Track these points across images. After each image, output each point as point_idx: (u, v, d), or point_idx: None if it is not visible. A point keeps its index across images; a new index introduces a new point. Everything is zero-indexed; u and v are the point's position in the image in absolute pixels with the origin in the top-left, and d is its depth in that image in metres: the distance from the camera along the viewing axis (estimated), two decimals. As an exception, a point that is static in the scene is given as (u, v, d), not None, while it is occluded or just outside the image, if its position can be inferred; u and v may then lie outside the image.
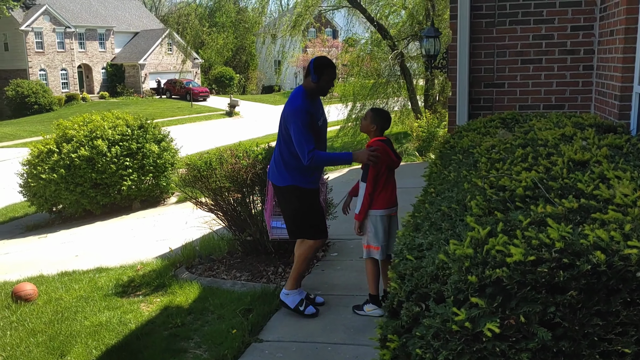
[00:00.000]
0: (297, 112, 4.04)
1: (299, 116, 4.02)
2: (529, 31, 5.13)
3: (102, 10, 49.48)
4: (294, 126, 4.01)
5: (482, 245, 1.71)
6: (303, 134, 3.99)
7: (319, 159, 4.04)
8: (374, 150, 4.05)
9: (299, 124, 4.00)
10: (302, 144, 3.99)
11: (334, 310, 4.46)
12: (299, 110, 4.04)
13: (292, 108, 4.07)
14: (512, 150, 2.88)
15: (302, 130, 3.99)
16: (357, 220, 4.18)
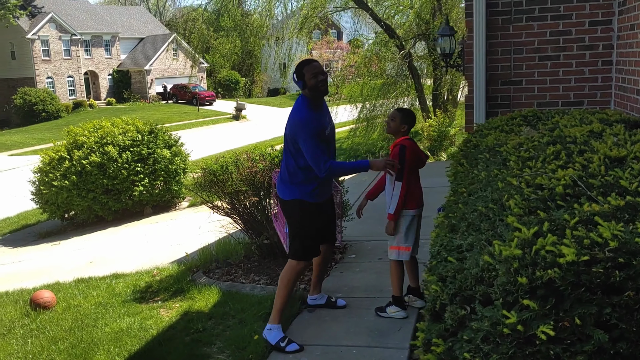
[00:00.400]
0: (304, 124, 3.84)
1: (306, 128, 3.82)
2: (546, 27, 5.08)
3: (107, 17, 49.68)
4: (303, 139, 3.81)
5: (530, 246, 1.66)
6: (315, 146, 3.79)
7: (335, 169, 3.88)
8: (403, 149, 4.02)
9: (308, 136, 3.79)
10: (316, 157, 3.80)
11: (356, 312, 4.42)
12: (305, 121, 3.84)
13: (298, 120, 3.87)
14: (542, 148, 2.84)
15: (312, 142, 3.79)
16: (392, 220, 4.08)
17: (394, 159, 4.01)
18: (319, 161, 3.80)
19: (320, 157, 3.79)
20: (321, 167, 3.79)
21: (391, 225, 4.08)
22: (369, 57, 18.98)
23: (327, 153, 3.94)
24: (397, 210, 4.02)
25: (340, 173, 4.05)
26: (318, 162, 3.80)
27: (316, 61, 4.03)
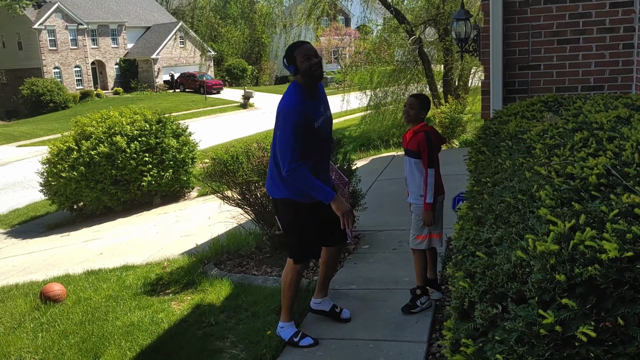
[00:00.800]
0: (289, 111, 3.46)
1: (290, 117, 3.44)
2: (565, 10, 4.92)
3: (114, 6, 49.53)
4: (282, 128, 3.44)
5: (567, 241, 1.56)
6: (290, 141, 3.41)
7: (301, 176, 3.45)
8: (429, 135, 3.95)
9: (289, 127, 3.42)
10: (286, 152, 3.42)
11: (371, 305, 4.33)
12: (291, 109, 3.47)
13: (284, 107, 3.50)
14: (568, 135, 2.72)
15: (290, 135, 3.41)
16: (429, 210, 3.93)
17: (420, 146, 3.90)
18: (286, 158, 3.42)
19: (290, 154, 3.41)
20: (286, 165, 3.42)
21: (430, 214, 3.95)
22: (378, 43, 18.76)
23: (314, 146, 3.57)
24: (433, 198, 3.92)
25: (302, 184, 3.48)
26: (285, 158, 3.43)
27: (308, 43, 3.65)
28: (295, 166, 3.43)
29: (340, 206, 3.51)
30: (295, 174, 3.44)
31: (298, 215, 3.71)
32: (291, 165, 3.43)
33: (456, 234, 2.27)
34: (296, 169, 3.44)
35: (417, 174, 3.98)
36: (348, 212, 3.52)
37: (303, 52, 3.51)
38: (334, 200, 3.50)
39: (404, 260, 5.17)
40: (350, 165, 5.91)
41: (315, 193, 3.51)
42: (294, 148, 3.43)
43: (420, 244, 4.04)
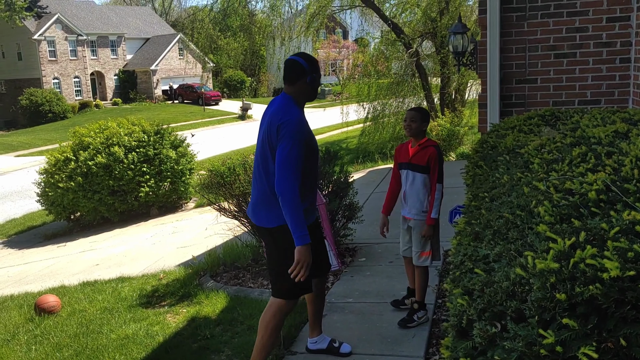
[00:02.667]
0: (295, 125, 3.11)
1: (297, 132, 3.11)
2: (561, 24, 4.93)
3: (114, 17, 49.72)
4: (287, 144, 3.08)
5: (567, 258, 1.53)
6: (297, 159, 3.08)
7: (296, 202, 3.07)
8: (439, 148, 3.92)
9: (296, 143, 3.09)
10: (291, 171, 3.07)
11: (368, 319, 4.29)
12: (297, 123, 3.13)
13: (287, 119, 3.13)
14: (566, 150, 2.70)
15: (297, 153, 3.09)
16: (432, 224, 3.92)
17: (432, 161, 3.89)
18: (292, 177, 3.06)
19: (295, 174, 3.07)
20: (289, 185, 3.05)
21: (431, 229, 3.93)
22: (376, 56, 18.84)
23: (313, 164, 3.32)
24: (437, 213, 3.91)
25: (292, 210, 3.06)
26: (290, 177, 3.06)
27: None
28: (297, 187, 3.08)
29: (305, 254, 3.08)
30: (295, 198, 3.06)
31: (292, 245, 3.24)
32: (295, 185, 3.07)
33: (454, 249, 2.25)
34: (296, 192, 3.08)
35: (422, 189, 3.93)
36: (306, 265, 3.09)
37: (319, 71, 3.37)
38: (305, 247, 3.08)
39: (401, 274, 5.14)
40: (347, 178, 5.90)
41: (296, 229, 3.08)
42: (299, 167, 3.10)
43: (425, 260, 4.00)
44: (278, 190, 3.09)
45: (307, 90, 3.31)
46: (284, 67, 3.40)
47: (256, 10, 26.10)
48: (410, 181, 3.98)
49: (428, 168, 3.90)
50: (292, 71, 3.29)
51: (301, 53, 3.41)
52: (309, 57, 3.36)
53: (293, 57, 3.35)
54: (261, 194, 3.29)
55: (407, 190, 4.03)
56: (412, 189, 3.98)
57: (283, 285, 3.32)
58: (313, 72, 3.30)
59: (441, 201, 3.94)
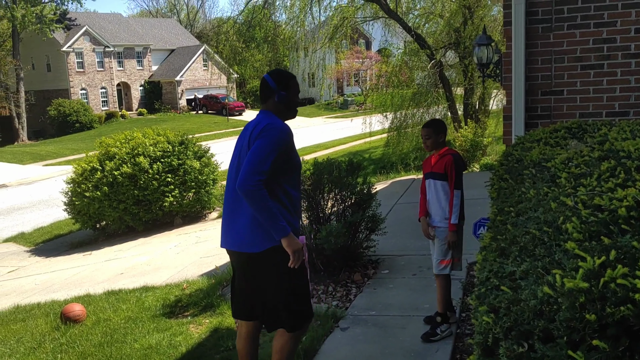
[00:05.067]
0: (277, 128, 3.01)
1: (277, 133, 2.99)
2: (588, 35, 4.87)
3: (140, 29, 50.56)
4: (264, 140, 2.95)
5: (597, 278, 1.50)
6: (269, 153, 2.92)
7: (262, 196, 2.86)
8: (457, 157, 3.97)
9: (273, 141, 2.96)
10: (259, 164, 2.89)
11: (390, 332, 4.26)
12: (280, 126, 3.03)
13: (270, 122, 3.03)
14: (594, 164, 2.66)
15: (271, 149, 2.93)
16: (455, 230, 3.94)
17: (448, 168, 3.94)
18: (257, 169, 2.87)
19: (264, 167, 2.88)
20: (254, 176, 2.85)
21: (455, 235, 3.95)
22: (399, 66, 18.81)
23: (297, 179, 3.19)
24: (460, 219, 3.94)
25: (260, 207, 2.87)
26: (256, 169, 2.86)
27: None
28: (262, 180, 2.86)
29: (292, 242, 2.97)
30: (259, 191, 2.84)
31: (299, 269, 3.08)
32: (260, 177, 2.86)
33: (479, 264, 2.22)
34: (261, 186, 2.86)
35: (443, 196, 3.99)
36: (299, 251, 2.99)
37: (296, 87, 3.25)
38: (288, 238, 2.96)
39: (425, 286, 5.10)
40: (370, 189, 5.88)
41: (272, 224, 2.91)
42: (269, 163, 2.91)
43: (444, 268, 4.00)
44: (242, 185, 2.85)
45: (279, 108, 3.17)
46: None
47: (280, 21, 26.28)
48: (432, 189, 4.07)
49: (446, 175, 3.98)
50: (261, 90, 3.22)
51: (274, 70, 3.28)
52: (280, 75, 3.22)
53: (265, 75, 3.25)
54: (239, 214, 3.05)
55: (430, 199, 4.12)
56: (433, 196, 4.07)
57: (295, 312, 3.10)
58: (281, 90, 3.15)
59: (460, 207, 3.95)
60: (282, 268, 3.02)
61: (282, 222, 2.96)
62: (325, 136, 30.50)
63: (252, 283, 3.13)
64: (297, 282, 3.10)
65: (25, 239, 13.60)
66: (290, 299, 3.08)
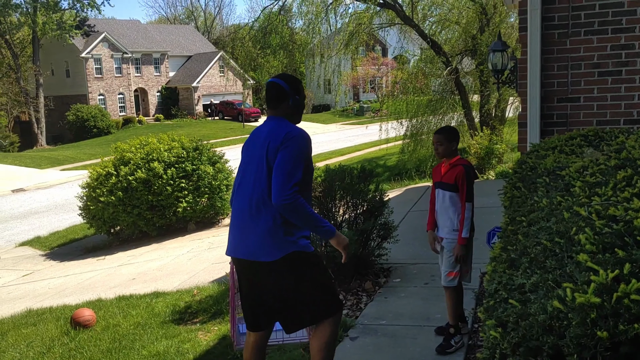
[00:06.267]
0: (302, 137, 2.97)
1: (303, 142, 2.95)
2: (606, 41, 4.77)
3: (157, 36, 51.05)
4: (291, 151, 2.89)
5: (610, 293, 1.43)
6: (300, 163, 2.89)
7: (301, 205, 2.85)
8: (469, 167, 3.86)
9: (301, 151, 2.92)
10: (291, 175, 2.84)
11: (401, 342, 4.18)
12: (304, 135, 2.99)
13: (292, 130, 2.98)
14: (610, 173, 2.57)
15: (301, 159, 2.91)
16: (463, 244, 3.83)
17: (459, 179, 3.83)
18: (290, 181, 2.83)
19: (294, 177, 2.85)
20: (289, 188, 2.81)
21: (463, 249, 3.84)
22: (415, 73, 18.74)
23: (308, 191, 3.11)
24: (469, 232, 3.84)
25: (302, 216, 2.87)
26: (289, 181, 2.82)
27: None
28: (297, 190, 2.83)
29: (341, 239, 3.04)
30: (297, 200, 2.82)
31: (316, 266, 3.05)
32: (295, 187, 2.82)
33: (488, 276, 2.15)
34: (298, 196, 2.83)
35: (452, 208, 3.88)
36: (347, 246, 3.09)
37: (303, 91, 3.25)
38: (337, 236, 3.02)
39: (437, 296, 5.01)
40: (382, 196, 5.81)
41: (317, 228, 2.95)
42: (300, 172, 2.88)
43: (452, 280, 3.91)
44: (279, 199, 2.81)
45: (291, 113, 3.14)
46: (265, 89, 3.21)
47: (296, 28, 26.34)
48: (441, 199, 3.97)
49: (456, 186, 3.87)
50: (273, 95, 3.13)
51: (282, 74, 3.23)
52: (291, 79, 3.19)
53: (273, 80, 3.18)
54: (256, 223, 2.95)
55: (438, 209, 4.02)
56: (442, 207, 3.97)
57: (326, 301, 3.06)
58: (295, 94, 3.13)
59: (472, 220, 3.86)
60: (300, 271, 2.96)
61: (326, 223, 2.98)
62: (341, 143, 30.46)
63: (268, 292, 3.01)
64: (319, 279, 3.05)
65: (41, 243, 13.71)
66: (313, 297, 3.01)
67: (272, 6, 19.79)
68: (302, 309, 3.02)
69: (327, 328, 3.04)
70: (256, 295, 3.08)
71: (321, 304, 3.04)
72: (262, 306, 3.09)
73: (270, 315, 3.12)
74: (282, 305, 3.03)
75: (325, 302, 3.05)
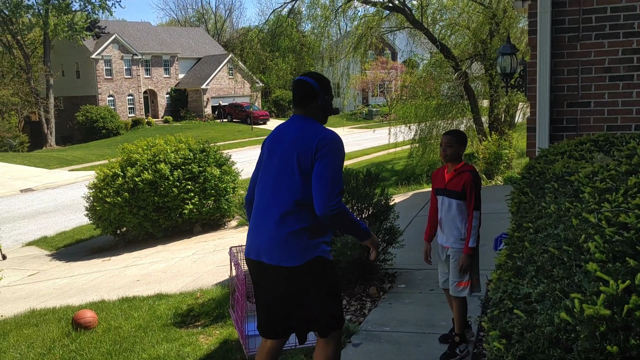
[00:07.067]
0: (337, 142, 2.89)
1: (339, 147, 2.88)
2: (618, 45, 4.68)
3: (167, 38, 51.23)
4: (330, 158, 2.81)
5: (621, 304, 1.35)
6: (339, 171, 2.85)
7: (346, 212, 2.83)
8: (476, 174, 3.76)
9: (338, 157, 2.85)
10: (334, 184, 2.77)
11: (404, 350, 4.10)
12: (338, 140, 2.91)
13: (327, 135, 2.88)
14: (621, 179, 2.49)
15: (339, 166, 2.86)
16: (469, 254, 3.71)
17: (467, 187, 3.69)
18: (336, 189, 2.78)
19: (339, 186, 2.80)
20: (335, 197, 2.76)
21: (469, 259, 3.71)
22: (424, 77, 18.64)
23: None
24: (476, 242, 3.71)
25: (345, 220, 2.85)
26: (335, 189, 2.77)
27: None
28: (341, 199, 2.82)
29: (374, 239, 3.06)
30: (343, 210, 2.79)
31: (333, 273, 3.01)
32: (340, 196, 2.79)
33: (493, 284, 2.07)
34: (343, 204, 2.83)
35: (459, 217, 3.75)
36: (378, 244, 3.13)
37: (331, 91, 3.12)
38: (371, 236, 3.02)
39: (442, 302, 4.92)
40: (387, 200, 5.74)
41: (358, 231, 2.93)
42: (342, 179, 2.85)
43: (462, 291, 3.80)
44: (326, 209, 2.74)
45: (318, 113, 3.03)
46: (292, 88, 3.10)
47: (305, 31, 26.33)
48: (446, 208, 3.80)
49: (464, 194, 3.71)
50: (302, 93, 3.01)
51: (312, 72, 3.12)
52: (320, 77, 3.08)
53: (303, 78, 3.06)
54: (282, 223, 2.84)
55: (443, 217, 3.85)
56: (448, 215, 3.80)
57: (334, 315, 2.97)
58: (325, 94, 3.03)
59: (479, 229, 3.74)
60: (319, 278, 2.89)
61: (364, 224, 2.96)
62: (349, 147, 30.36)
63: (287, 297, 2.91)
64: (335, 287, 2.99)
65: (48, 243, 13.73)
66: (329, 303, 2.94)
67: (282, 9, 19.81)
68: (316, 317, 2.93)
69: (332, 342, 2.97)
70: (273, 300, 2.97)
71: (334, 314, 2.97)
72: (279, 312, 2.98)
73: (287, 323, 3.01)
74: (299, 312, 2.94)
75: (337, 313, 2.99)
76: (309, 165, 2.83)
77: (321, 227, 2.89)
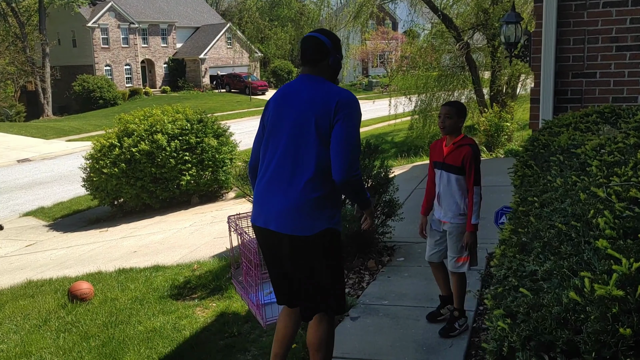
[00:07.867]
0: (357, 105, 2.75)
1: (357, 111, 2.74)
2: (626, 14, 4.54)
3: (165, 6, 50.45)
4: (349, 123, 2.67)
5: (634, 284, 1.28)
6: (358, 137, 2.73)
7: (361, 180, 2.76)
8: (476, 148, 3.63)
9: (357, 122, 2.73)
10: (356, 149, 2.68)
11: (403, 323, 4.06)
12: (357, 103, 2.76)
13: (346, 96, 2.72)
14: (629, 151, 2.40)
15: (359, 131, 2.75)
16: (473, 230, 3.59)
17: (466, 161, 3.55)
18: (356, 156, 2.68)
19: (359, 154, 2.73)
20: (356, 165, 2.67)
21: (474, 236, 3.61)
22: (425, 48, 18.38)
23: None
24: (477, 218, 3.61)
25: (360, 187, 2.76)
26: (355, 157, 2.67)
27: None
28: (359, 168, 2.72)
29: (372, 209, 3.00)
30: (360, 177, 2.72)
31: (340, 248, 2.87)
32: (359, 162, 2.71)
33: (497, 260, 2.00)
34: (361, 171, 2.77)
35: (458, 191, 3.63)
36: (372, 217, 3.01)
37: (341, 50, 2.94)
38: (371, 205, 2.95)
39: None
40: (387, 173, 5.65)
41: (364, 199, 2.84)
42: (359, 144, 2.75)
43: (462, 266, 3.72)
44: (346, 176, 2.62)
45: (328, 72, 2.85)
46: (301, 45, 2.88)
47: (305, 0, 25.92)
48: (445, 182, 3.67)
49: (463, 169, 3.57)
50: (313, 51, 2.81)
51: (322, 29, 2.92)
52: (331, 34, 2.89)
53: (313, 34, 2.86)
54: (295, 190, 2.68)
55: (441, 192, 3.72)
56: (446, 190, 3.67)
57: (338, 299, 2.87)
58: (337, 52, 2.85)
59: (480, 204, 3.63)
60: (331, 249, 2.77)
61: (368, 193, 2.88)
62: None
63: (302, 267, 2.78)
64: (340, 262, 2.87)
65: (45, 214, 13.68)
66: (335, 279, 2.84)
67: (281, -23, 19.39)
68: (324, 291, 2.81)
69: (328, 327, 2.87)
70: (281, 267, 2.87)
71: (341, 295, 2.88)
72: (287, 282, 2.89)
73: (297, 293, 2.90)
74: (307, 282, 2.82)
75: (341, 291, 2.88)
76: (328, 128, 2.68)
77: (336, 196, 2.79)
